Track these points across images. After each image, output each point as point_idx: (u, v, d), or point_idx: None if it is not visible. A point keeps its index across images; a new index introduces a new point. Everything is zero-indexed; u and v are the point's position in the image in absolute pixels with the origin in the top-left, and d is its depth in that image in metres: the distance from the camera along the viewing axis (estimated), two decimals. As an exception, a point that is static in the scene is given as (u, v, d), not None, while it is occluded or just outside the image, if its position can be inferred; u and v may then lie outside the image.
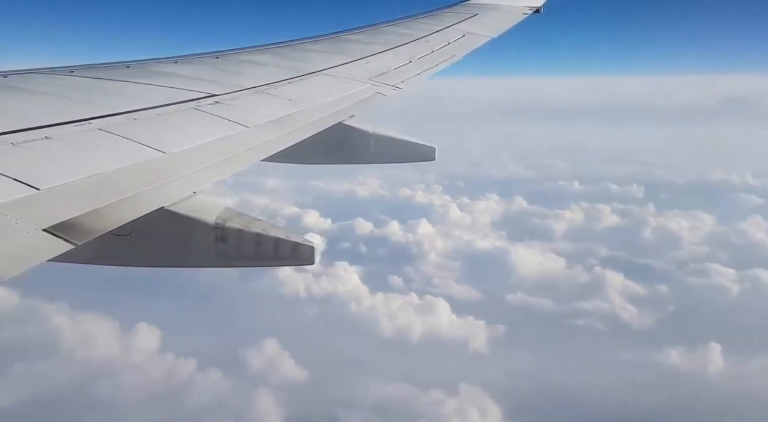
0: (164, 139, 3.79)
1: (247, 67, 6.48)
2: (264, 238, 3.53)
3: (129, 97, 4.53)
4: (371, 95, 6.42)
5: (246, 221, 3.58)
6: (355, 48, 8.28)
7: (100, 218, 2.75)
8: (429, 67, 8.05)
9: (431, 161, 6.40)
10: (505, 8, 12.34)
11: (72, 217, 2.63)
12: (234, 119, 4.55)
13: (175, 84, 5.15)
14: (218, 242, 3.51)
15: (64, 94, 4.35)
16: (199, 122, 4.35)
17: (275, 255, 3.58)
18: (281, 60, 7.07)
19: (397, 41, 8.96)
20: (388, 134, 6.23)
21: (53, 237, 2.47)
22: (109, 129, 3.70)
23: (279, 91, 5.67)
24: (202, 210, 3.49)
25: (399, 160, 6.45)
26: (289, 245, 3.56)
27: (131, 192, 3.05)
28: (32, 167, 2.93)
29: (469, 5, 12.35)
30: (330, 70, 6.94)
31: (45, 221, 2.53)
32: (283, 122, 4.88)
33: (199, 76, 5.64)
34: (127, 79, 5.11)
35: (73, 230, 2.55)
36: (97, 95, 4.50)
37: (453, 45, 9.30)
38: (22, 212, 2.53)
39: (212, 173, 3.67)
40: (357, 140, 6.03)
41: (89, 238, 2.60)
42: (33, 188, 2.71)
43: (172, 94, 4.84)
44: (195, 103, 4.69)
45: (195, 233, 3.46)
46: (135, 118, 4.05)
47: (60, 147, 3.28)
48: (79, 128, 3.62)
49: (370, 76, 7.05)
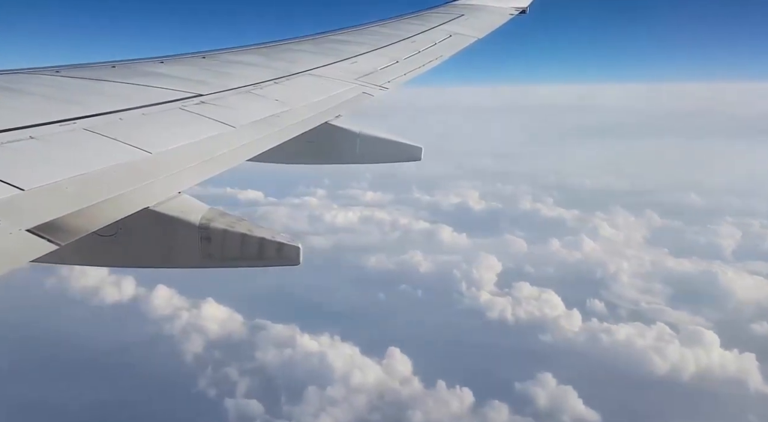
0: (150, 139, 3.79)
1: (234, 67, 6.48)
2: (249, 238, 3.54)
3: (114, 97, 4.52)
4: (357, 95, 6.44)
5: (231, 221, 3.59)
6: (342, 48, 8.30)
7: (85, 218, 2.75)
8: (415, 67, 8.08)
9: (417, 161, 6.43)
10: (491, 9, 12.41)
11: (56, 217, 2.62)
12: (220, 119, 4.56)
13: (161, 84, 5.15)
14: (203, 243, 3.52)
15: (49, 94, 4.33)
16: (184, 122, 4.35)
17: (260, 256, 3.59)
18: (267, 60, 7.07)
19: (383, 42, 8.98)
20: (375, 134, 6.25)
21: (37, 238, 2.47)
22: (94, 129, 3.70)
23: (265, 92, 5.68)
24: (187, 210, 3.50)
25: (385, 160, 6.48)
26: (275, 246, 3.57)
27: (116, 192, 3.05)
28: (16, 167, 2.93)
29: (455, 6, 12.40)
30: (316, 70, 6.95)
31: (29, 221, 2.53)
32: (269, 122, 4.89)
33: (185, 76, 5.63)
34: (112, 79, 5.10)
35: (57, 231, 2.55)
36: (83, 95, 4.49)
37: (439, 45, 9.34)
38: (5, 213, 2.52)
39: (198, 173, 3.68)
40: (343, 140, 6.05)
41: (73, 238, 2.60)
42: (17, 189, 2.71)
43: (158, 94, 4.84)
44: (181, 103, 4.69)
45: (180, 234, 3.47)
46: (120, 118, 4.05)
47: (45, 147, 3.27)
48: (64, 127, 3.61)
49: (356, 76, 7.07)
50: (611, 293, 66.09)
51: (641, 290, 66.96)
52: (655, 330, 56.73)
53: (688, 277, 68.29)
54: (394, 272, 71.06)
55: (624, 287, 67.35)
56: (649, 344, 54.65)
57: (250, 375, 50.84)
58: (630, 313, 61.99)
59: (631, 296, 65.75)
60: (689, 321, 59.56)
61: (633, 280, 68.84)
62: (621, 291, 66.67)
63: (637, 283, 68.31)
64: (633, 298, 65.42)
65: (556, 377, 49.27)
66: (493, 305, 62.22)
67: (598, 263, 73.23)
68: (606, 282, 68.36)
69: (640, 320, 59.32)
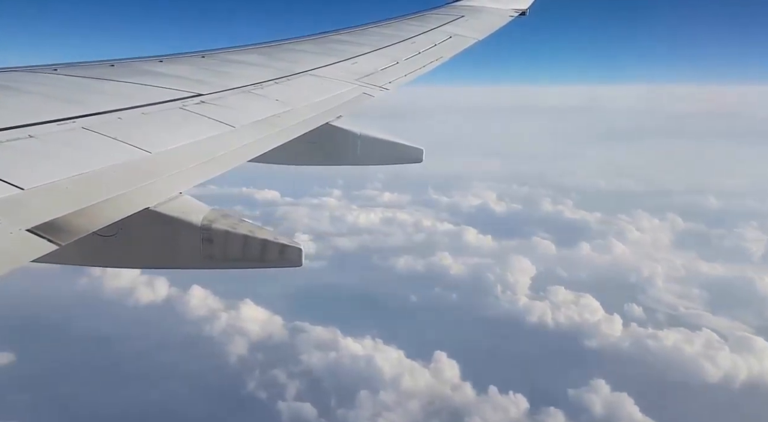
0: (150, 138, 3.76)
1: (234, 67, 6.44)
2: (251, 240, 3.52)
3: (114, 96, 4.48)
4: (358, 96, 6.41)
5: (233, 222, 3.56)
6: (342, 49, 8.28)
7: (85, 218, 2.72)
8: (416, 68, 8.06)
9: (418, 162, 6.40)
10: (491, 10, 12.40)
11: (56, 217, 2.59)
12: (220, 118, 4.53)
13: (161, 83, 5.11)
14: (205, 244, 3.49)
15: (48, 93, 4.30)
16: (185, 122, 4.32)
17: (262, 257, 3.56)
18: (268, 60, 7.04)
19: (383, 42, 8.96)
20: (376, 135, 6.22)
21: (37, 238, 2.44)
22: (93, 128, 3.66)
23: (266, 92, 5.65)
24: (189, 211, 3.47)
25: (386, 161, 6.45)
26: (277, 247, 3.55)
27: (116, 192, 3.02)
28: (16, 167, 2.90)
29: (455, 7, 12.39)
30: (317, 70, 6.92)
31: (29, 221, 2.50)
32: (269, 122, 4.86)
33: (185, 76, 5.60)
34: (112, 78, 5.06)
35: (57, 231, 2.52)
36: (82, 94, 4.45)
37: (440, 46, 9.32)
38: (5, 212, 2.49)
39: (198, 173, 3.65)
40: (344, 141, 6.01)
41: (74, 238, 2.57)
42: (17, 188, 2.68)
43: (158, 93, 4.80)
44: (181, 103, 4.66)
45: (181, 234, 3.44)
46: (120, 117, 4.01)
47: (44, 146, 3.24)
48: (64, 127, 3.58)
49: (356, 76, 7.04)
50: (648, 298, 65.94)
51: (678, 295, 66.90)
52: (703, 336, 56.61)
53: (723, 281, 68.16)
54: (425, 275, 71.05)
55: (660, 292, 67.30)
56: (698, 350, 54.48)
57: (299, 378, 50.81)
58: (669, 318, 61.88)
59: (669, 301, 65.65)
60: (731, 326, 59.23)
61: (668, 284, 68.86)
62: (658, 296, 66.58)
63: (673, 287, 68.28)
64: (671, 303, 65.32)
65: (609, 383, 48.98)
66: (532, 310, 62.02)
67: (631, 266, 73.28)
68: (642, 286, 68.33)
69: (681, 325, 59.19)
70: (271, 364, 52.43)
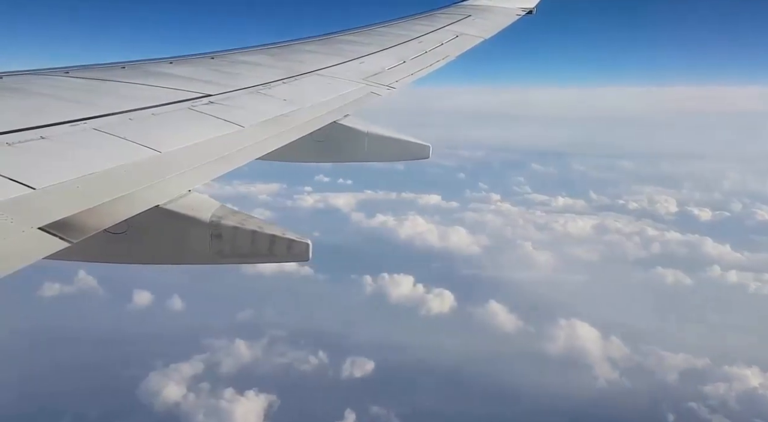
0: (159, 138, 3.80)
1: (242, 67, 6.49)
2: (259, 235, 3.56)
3: (124, 98, 4.54)
4: (365, 95, 6.44)
5: (241, 218, 3.60)
6: (349, 48, 8.31)
7: (95, 216, 2.76)
8: (422, 67, 8.07)
9: (425, 159, 6.42)
10: (497, 10, 12.39)
11: (67, 216, 2.64)
12: (229, 118, 4.57)
13: (170, 84, 5.17)
14: (214, 240, 3.53)
15: (59, 95, 4.36)
16: (194, 122, 4.37)
17: (270, 252, 3.60)
18: (275, 60, 7.09)
19: (390, 42, 8.99)
20: (383, 132, 6.25)
21: (49, 235, 2.48)
22: (104, 129, 3.72)
23: (273, 91, 5.69)
24: (198, 208, 3.51)
25: (394, 158, 6.47)
26: (285, 243, 3.59)
27: (126, 191, 3.06)
28: (28, 167, 2.95)
29: (462, 6, 12.39)
30: (324, 70, 6.96)
31: (41, 219, 2.54)
32: (277, 121, 4.90)
33: (194, 77, 5.65)
34: (122, 80, 5.12)
35: (68, 229, 2.57)
36: (93, 96, 4.51)
37: (446, 46, 9.33)
38: (17, 211, 2.54)
39: (207, 171, 3.69)
40: (351, 139, 6.05)
41: (84, 236, 2.61)
42: (29, 188, 2.73)
43: (167, 94, 4.86)
44: (190, 103, 4.71)
45: (190, 231, 3.48)
46: (130, 118, 4.07)
47: (55, 147, 3.29)
48: (75, 128, 3.63)
49: (363, 76, 7.07)
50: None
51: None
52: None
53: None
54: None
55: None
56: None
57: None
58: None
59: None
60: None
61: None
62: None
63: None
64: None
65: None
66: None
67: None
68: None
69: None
70: (671, 394, 51.30)
